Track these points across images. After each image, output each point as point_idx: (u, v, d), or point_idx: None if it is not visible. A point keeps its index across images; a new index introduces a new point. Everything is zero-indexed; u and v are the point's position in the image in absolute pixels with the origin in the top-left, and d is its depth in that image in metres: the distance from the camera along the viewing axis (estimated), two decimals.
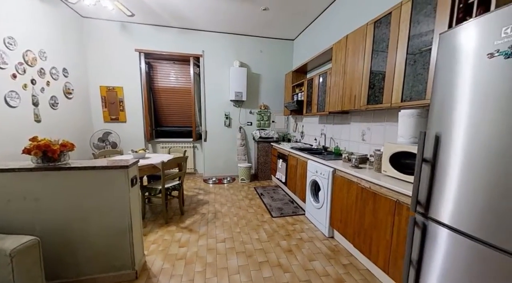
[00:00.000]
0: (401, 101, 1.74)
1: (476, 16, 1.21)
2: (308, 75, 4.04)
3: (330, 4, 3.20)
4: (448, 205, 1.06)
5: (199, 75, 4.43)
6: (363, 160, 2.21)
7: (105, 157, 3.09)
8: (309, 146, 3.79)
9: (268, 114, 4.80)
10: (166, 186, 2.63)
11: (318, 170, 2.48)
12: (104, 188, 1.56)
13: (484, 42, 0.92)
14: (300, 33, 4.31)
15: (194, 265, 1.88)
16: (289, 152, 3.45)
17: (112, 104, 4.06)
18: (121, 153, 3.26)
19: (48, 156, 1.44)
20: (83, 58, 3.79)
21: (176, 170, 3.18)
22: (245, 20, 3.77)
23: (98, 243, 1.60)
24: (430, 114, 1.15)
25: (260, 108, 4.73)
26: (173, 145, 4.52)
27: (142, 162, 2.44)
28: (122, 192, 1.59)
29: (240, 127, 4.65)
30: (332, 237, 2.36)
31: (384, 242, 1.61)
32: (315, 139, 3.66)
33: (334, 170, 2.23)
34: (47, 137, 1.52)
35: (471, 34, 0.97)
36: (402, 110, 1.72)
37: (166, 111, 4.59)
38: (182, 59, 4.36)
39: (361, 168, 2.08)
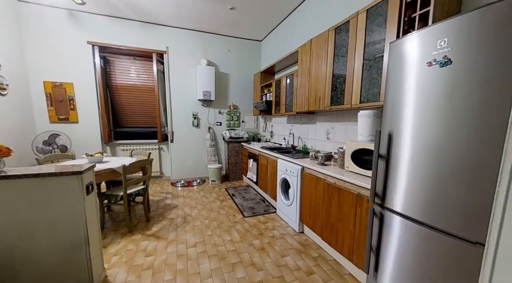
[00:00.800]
0: (360, 102, 1.90)
1: (417, 29, 1.39)
2: (276, 76, 4.15)
3: (296, 8, 3.33)
4: (400, 195, 1.20)
5: (163, 72, 4.18)
6: (328, 157, 2.36)
7: (52, 162, 2.71)
8: (279, 145, 3.89)
9: (238, 114, 4.79)
10: (128, 191, 2.42)
11: (287, 168, 2.56)
12: (52, 198, 1.36)
13: (424, 52, 1.07)
14: (268, 35, 4.39)
15: (163, 274, 1.77)
16: (260, 151, 3.49)
17: (60, 103, 3.58)
18: (73, 157, 2.90)
19: None
20: (21, 49, 3.25)
21: (140, 174, 2.96)
22: (211, 17, 3.69)
23: (47, 261, 1.39)
24: (383, 115, 1.29)
25: (230, 108, 4.69)
26: (135, 147, 4.19)
27: (99, 167, 2.22)
28: (75, 201, 1.41)
29: (209, 128, 4.54)
30: (302, 232, 2.47)
31: (348, 232, 1.75)
32: (284, 138, 3.78)
33: (303, 168, 2.34)
34: None
35: (414, 45, 1.12)
36: (360, 111, 1.89)
37: (127, 110, 4.22)
38: (144, 55, 4.06)
39: (326, 165, 2.22)
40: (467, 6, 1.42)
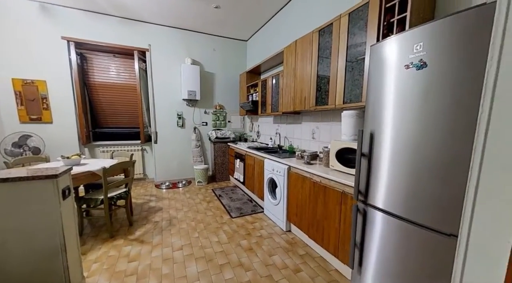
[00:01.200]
0: (343, 103, 1.96)
1: (396, 33, 1.46)
2: (262, 76, 4.17)
3: (281, 9, 3.37)
4: (381, 192, 1.25)
5: (145, 71, 4.04)
6: (314, 156, 2.41)
7: (23, 166, 2.52)
8: (265, 145, 3.91)
9: (224, 114, 4.74)
10: (109, 195, 2.31)
11: (274, 168, 2.58)
12: (24, 204, 1.27)
13: (402, 56, 1.12)
14: (253, 35, 4.39)
15: (148, 280, 1.71)
16: (246, 151, 3.49)
17: (32, 102, 3.33)
18: (47, 160, 2.72)
19: None
20: None
21: (121, 176, 2.84)
22: (195, 15, 3.62)
23: (18, 271, 1.29)
24: (365, 115, 1.34)
25: (216, 108, 4.64)
26: (117, 148, 4.01)
27: (76, 169, 2.10)
28: (50, 206, 1.32)
29: (195, 128, 4.46)
30: (290, 231, 2.50)
31: (333, 229, 1.80)
32: (271, 138, 3.80)
33: (289, 167, 2.37)
34: None
35: (393, 48, 1.17)
36: (344, 111, 1.95)
37: (107, 110, 4.03)
38: (125, 53, 3.89)
39: (312, 164, 2.26)
40: (440, 13, 1.51)
